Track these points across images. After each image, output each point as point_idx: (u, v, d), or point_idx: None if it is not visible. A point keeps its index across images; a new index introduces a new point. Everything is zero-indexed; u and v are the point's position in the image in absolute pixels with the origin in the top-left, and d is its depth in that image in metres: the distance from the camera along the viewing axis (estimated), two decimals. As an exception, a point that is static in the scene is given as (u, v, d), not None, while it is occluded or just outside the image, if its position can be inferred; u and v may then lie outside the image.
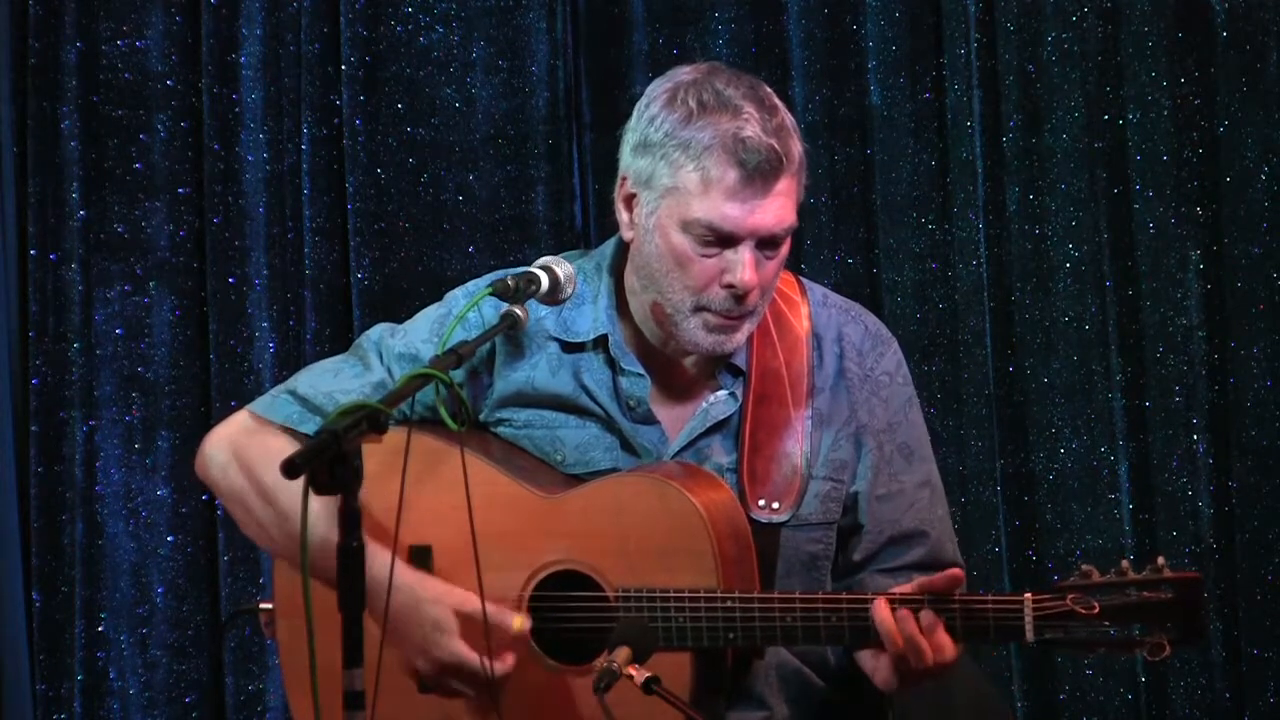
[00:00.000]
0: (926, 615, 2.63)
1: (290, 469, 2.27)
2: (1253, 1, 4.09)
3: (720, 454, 2.86)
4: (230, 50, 4.59)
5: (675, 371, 2.90)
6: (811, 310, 2.94)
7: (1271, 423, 4.08)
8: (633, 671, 2.52)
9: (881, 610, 2.64)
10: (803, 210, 2.82)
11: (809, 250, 4.31)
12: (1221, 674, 4.11)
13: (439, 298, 2.99)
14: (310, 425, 2.87)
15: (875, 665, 2.72)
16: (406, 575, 2.75)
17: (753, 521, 2.80)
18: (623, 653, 2.54)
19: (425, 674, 2.77)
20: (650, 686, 2.52)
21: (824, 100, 4.34)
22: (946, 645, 2.63)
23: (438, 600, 2.74)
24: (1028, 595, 2.61)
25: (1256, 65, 4.09)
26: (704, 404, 2.88)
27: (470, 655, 2.72)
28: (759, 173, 2.72)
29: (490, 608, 2.71)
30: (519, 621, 2.73)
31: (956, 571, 2.66)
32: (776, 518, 2.82)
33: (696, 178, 2.73)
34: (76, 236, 4.57)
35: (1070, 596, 2.60)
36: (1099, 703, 4.17)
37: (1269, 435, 4.08)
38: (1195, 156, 4.14)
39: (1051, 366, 4.21)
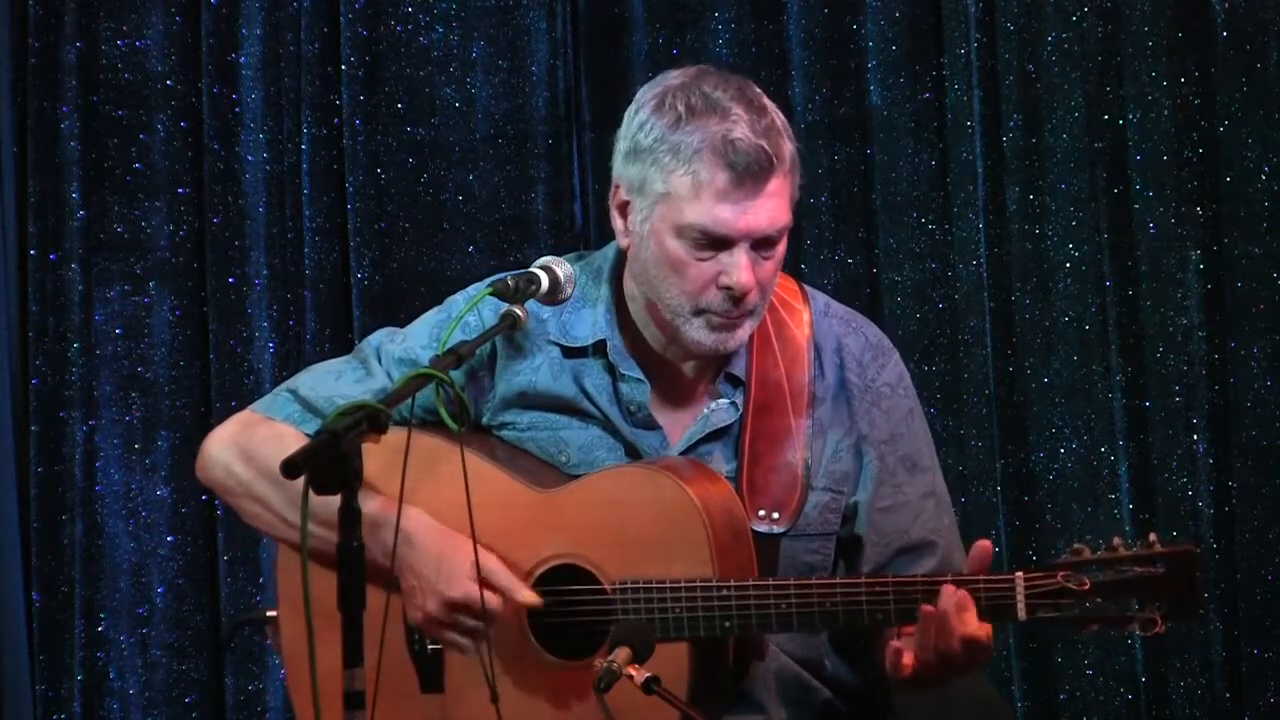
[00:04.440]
0: (954, 594, 2.61)
1: (290, 469, 2.27)
2: (1253, 1, 4.08)
3: (720, 462, 2.85)
4: (230, 50, 4.58)
5: (675, 377, 2.89)
6: (813, 319, 2.92)
7: (1271, 423, 4.08)
8: (633, 672, 2.53)
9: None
10: (803, 210, 2.82)
11: (809, 250, 4.30)
12: (1221, 674, 4.11)
13: (439, 298, 2.99)
14: (310, 426, 2.87)
15: (897, 650, 2.68)
16: (419, 528, 2.75)
17: (752, 532, 2.79)
18: (623, 653, 2.55)
19: (434, 617, 2.76)
20: (650, 687, 2.52)
21: (824, 100, 4.33)
22: (971, 623, 2.61)
23: (456, 549, 2.74)
24: (1019, 574, 2.62)
25: (1256, 65, 4.09)
26: (705, 410, 2.87)
27: (479, 595, 2.72)
28: (749, 174, 2.71)
29: (503, 575, 2.74)
30: (527, 596, 2.74)
31: (985, 543, 2.65)
32: (776, 528, 2.81)
33: (687, 182, 2.72)
34: (76, 236, 4.57)
35: (1062, 574, 2.60)
36: (1099, 703, 4.16)
37: (1269, 435, 4.08)
38: (1195, 156, 4.13)
39: (1051, 366, 4.21)
